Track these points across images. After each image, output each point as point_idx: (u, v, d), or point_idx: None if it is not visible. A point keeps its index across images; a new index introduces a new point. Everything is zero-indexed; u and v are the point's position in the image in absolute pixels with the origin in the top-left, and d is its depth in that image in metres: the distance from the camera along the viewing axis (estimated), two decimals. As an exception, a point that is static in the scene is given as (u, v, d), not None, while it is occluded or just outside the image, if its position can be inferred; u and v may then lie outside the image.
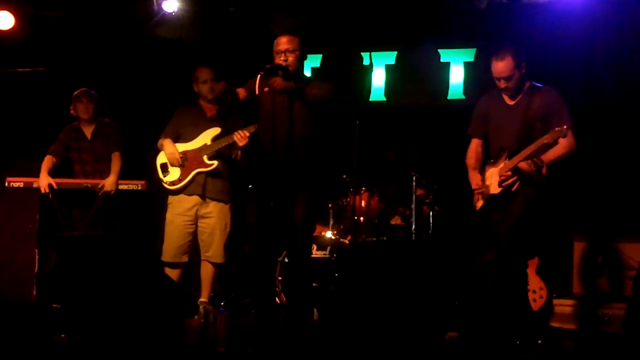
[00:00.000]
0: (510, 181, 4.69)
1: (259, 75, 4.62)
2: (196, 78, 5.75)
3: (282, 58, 4.79)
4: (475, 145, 5.06)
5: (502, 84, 4.80)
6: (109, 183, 5.89)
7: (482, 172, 4.96)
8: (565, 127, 4.52)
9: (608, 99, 6.35)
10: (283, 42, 4.83)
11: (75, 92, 6.12)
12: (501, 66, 4.76)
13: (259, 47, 4.97)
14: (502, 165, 4.77)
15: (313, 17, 6.54)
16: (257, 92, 4.61)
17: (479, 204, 4.89)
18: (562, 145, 4.66)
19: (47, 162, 5.99)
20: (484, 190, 4.85)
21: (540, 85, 4.85)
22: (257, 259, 4.89)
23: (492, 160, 4.90)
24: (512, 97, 4.85)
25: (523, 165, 4.64)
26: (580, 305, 5.51)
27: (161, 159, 5.72)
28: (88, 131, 6.11)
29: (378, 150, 6.55)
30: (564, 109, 4.72)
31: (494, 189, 4.79)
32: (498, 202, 4.79)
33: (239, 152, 5.51)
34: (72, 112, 6.12)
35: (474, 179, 4.95)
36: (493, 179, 4.82)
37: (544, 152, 4.65)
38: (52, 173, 5.95)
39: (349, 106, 4.87)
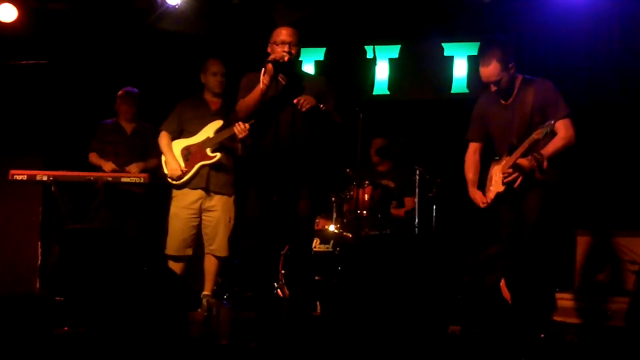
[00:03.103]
0: (511, 178, 4.64)
1: (263, 69, 4.61)
2: (206, 69, 5.74)
3: (285, 49, 4.69)
4: (472, 151, 4.99)
5: (493, 88, 4.73)
6: (133, 168, 6.03)
7: (487, 170, 4.92)
8: (552, 122, 4.46)
9: (611, 95, 6.34)
10: (285, 34, 4.74)
11: (122, 91, 6.27)
12: (488, 72, 4.66)
13: (263, 39, 4.92)
14: (504, 162, 4.75)
15: (317, 10, 6.52)
16: (261, 86, 4.60)
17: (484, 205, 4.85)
18: (561, 137, 4.60)
19: (94, 157, 6.14)
20: (491, 204, 4.77)
21: (532, 77, 4.77)
22: (260, 253, 4.89)
23: (497, 158, 4.87)
24: (505, 98, 4.78)
25: (523, 161, 4.57)
26: (582, 299, 5.50)
27: None
28: (128, 128, 6.25)
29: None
30: (559, 99, 4.65)
31: (499, 187, 4.74)
32: (506, 199, 4.74)
33: (239, 146, 5.50)
34: (116, 108, 6.27)
35: (477, 196, 4.86)
36: (497, 176, 4.78)
37: (542, 146, 4.59)
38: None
39: (338, 128, 4.84)
